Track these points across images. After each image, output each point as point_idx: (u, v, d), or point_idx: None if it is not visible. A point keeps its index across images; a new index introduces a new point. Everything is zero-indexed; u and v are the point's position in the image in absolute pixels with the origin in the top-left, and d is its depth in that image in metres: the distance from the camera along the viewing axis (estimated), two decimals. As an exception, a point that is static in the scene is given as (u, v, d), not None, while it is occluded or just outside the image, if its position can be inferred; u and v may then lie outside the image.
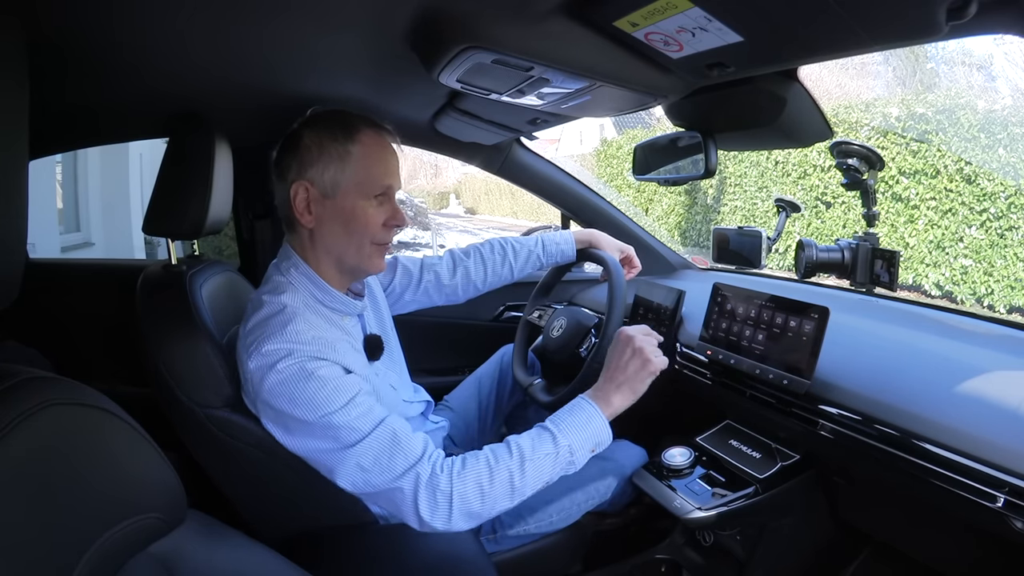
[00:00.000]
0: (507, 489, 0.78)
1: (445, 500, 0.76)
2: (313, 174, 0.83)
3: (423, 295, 1.20)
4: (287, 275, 0.86)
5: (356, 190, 0.84)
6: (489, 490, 0.77)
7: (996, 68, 9.53)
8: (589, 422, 0.82)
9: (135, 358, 0.90)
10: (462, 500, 0.76)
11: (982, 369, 0.78)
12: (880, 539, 1.00)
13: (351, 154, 0.84)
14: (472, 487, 0.77)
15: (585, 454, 0.82)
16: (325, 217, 0.85)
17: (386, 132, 0.88)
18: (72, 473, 0.43)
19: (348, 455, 0.76)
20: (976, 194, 4.69)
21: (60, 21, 0.69)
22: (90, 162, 4.87)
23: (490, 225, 13.58)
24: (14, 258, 0.43)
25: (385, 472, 0.76)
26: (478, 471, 0.78)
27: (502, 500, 0.78)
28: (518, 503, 0.80)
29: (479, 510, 0.78)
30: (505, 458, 0.79)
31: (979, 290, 4.73)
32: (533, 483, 0.79)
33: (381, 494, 0.78)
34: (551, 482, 0.81)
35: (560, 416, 0.83)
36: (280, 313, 0.80)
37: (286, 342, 0.77)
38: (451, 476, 0.77)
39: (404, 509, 0.77)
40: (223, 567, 0.56)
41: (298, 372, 0.75)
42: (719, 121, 0.95)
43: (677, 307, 1.19)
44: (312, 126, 0.85)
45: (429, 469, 0.77)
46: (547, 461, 0.80)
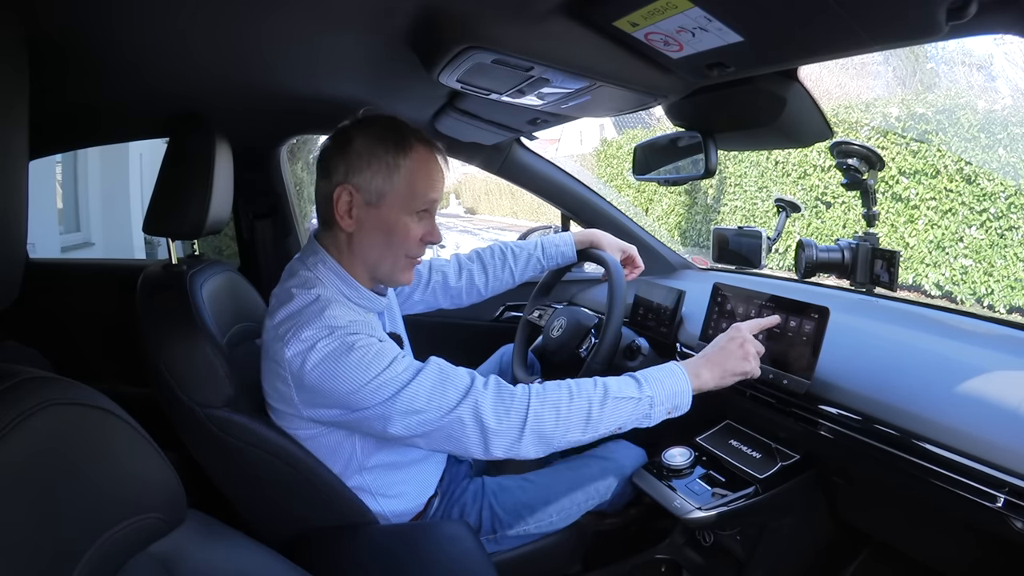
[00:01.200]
0: (583, 418, 0.79)
1: (519, 414, 0.77)
2: (360, 180, 0.83)
3: (431, 296, 1.21)
4: (314, 270, 0.87)
5: (400, 203, 0.85)
6: (566, 414, 0.78)
7: (996, 68, 9.52)
8: (676, 383, 0.84)
9: (135, 358, 0.90)
10: (536, 418, 0.78)
11: (982, 369, 0.78)
12: (880, 539, 1.00)
13: (401, 168, 0.84)
14: (549, 407, 0.78)
15: (662, 412, 0.83)
16: (366, 224, 0.85)
17: (436, 149, 0.89)
18: (72, 473, 0.43)
19: (399, 402, 0.77)
20: (976, 194, 4.69)
21: (60, 20, 0.69)
22: (90, 162, 4.87)
23: (490, 225, 13.58)
24: (14, 258, 0.43)
25: (440, 407, 0.77)
26: (558, 394, 0.80)
27: (575, 430, 0.79)
28: (587, 439, 0.81)
29: (551, 434, 0.78)
30: (588, 389, 0.81)
31: (979, 290, 4.72)
32: (609, 422, 0.81)
33: (439, 431, 0.78)
34: (623, 429, 0.83)
35: (649, 371, 0.85)
36: (314, 302, 0.81)
37: (324, 326, 0.78)
38: (528, 391, 0.79)
39: (466, 439, 0.78)
40: (223, 567, 0.55)
41: (339, 347, 0.77)
42: (719, 121, 0.95)
43: (677, 307, 1.19)
44: (364, 131, 0.85)
45: (491, 389, 0.79)
46: (627, 404, 0.81)
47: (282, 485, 0.86)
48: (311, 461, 0.86)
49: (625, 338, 1.16)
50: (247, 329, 1.04)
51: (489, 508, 1.00)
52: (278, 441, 0.84)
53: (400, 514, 0.95)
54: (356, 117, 0.88)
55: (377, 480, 0.91)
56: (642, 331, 1.24)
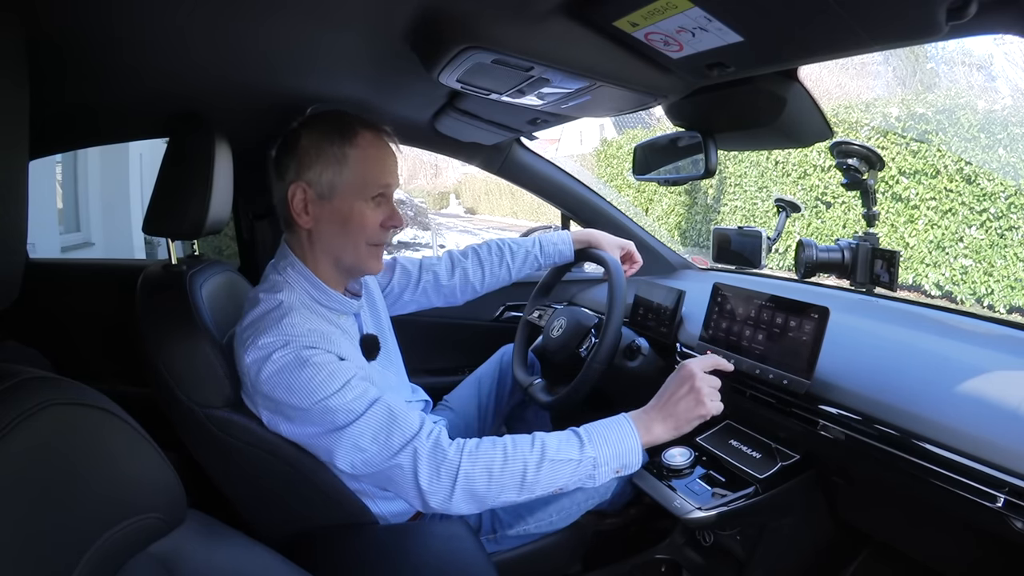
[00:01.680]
0: (517, 481, 0.77)
1: (449, 475, 0.76)
2: (311, 176, 0.84)
3: (422, 295, 1.20)
4: (283, 274, 0.87)
5: (353, 192, 0.85)
6: (499, 476, 0.76)
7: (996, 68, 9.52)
8: (622, 441, 0.80)
9: (135, 358, 0.90)
10: (467, 479, 0.76)
11: (982, 369, 0.78)
12: (880, 539, 1.00)
13: (348, 157, 0.84)
14: (481, 468, 0.76)
15: (609, 472, 0.79)
16: (322, 218, 0.85)
17: (383, 133, 0.88)
18: (72, 473, 0.43)
19: (345, 436, 0.76)
20: (976, 194, 4.69)
21: (60, 20, 0.69)
22: (90, 162, 4.87)
23: (490, 225, 13.58)
24: (14, 258, 0.43)
25: (383, 450, 0.76)
26: (492, 454, 0.77)
27: (509, 491, 0.77)
28: (523, 500, 0.79)
29: (483, 494, 0.77)
30: (524, 449, 0.77)
31: (979, 290, 4.73)
32: (546, 484, 0.78)
33: (380, 473, 0.78)
34: (565, 489, 0.79)
35: (594, 426, 0.81)
36: (276, 309, 0.81)
37: (281, 334, 0.78)
38: (461, 452, 0.77)
39: (404, 486, 0.77)
40: (223, 567, 0.55)
41: (293, 360, 0.76)
42: (719, 121, 0.95)
43: (677, 307, 1.19)
44: (310, 127, 0.86)
45: (429, 444, 0.77)
46: (567, 467, 0.77)
47: (282, 485, 0.86)
48: (310, 462, 0.86)
49: (625, 338, 1.16)
50: None
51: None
52: (278, 441, 0.84)
53: (399, 514, 0.95)
54: (302, 117, 0.88)
55: (376, 481, 0.91)
56: (642, 331, 1.24)
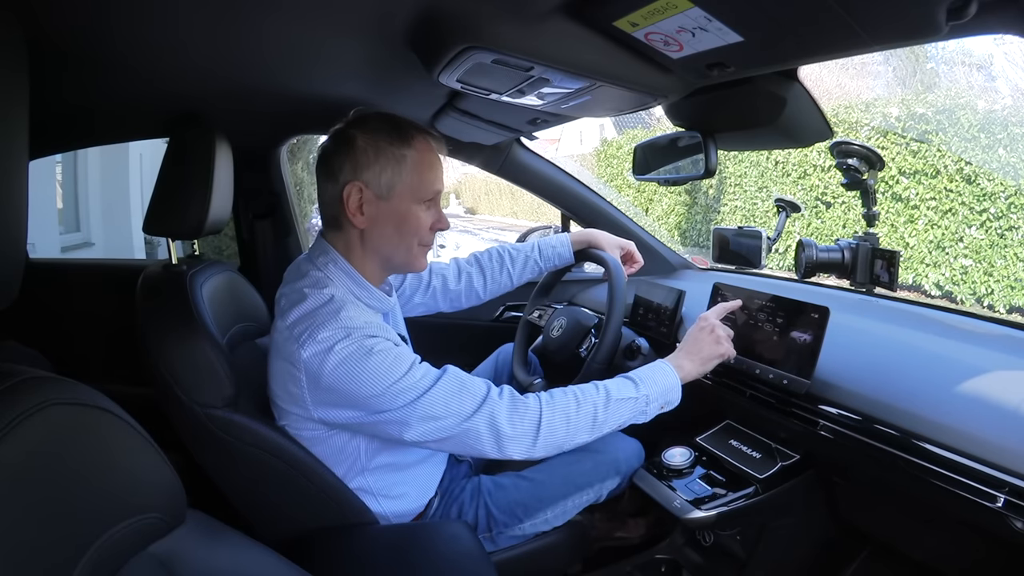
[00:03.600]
0: (590, 422, 0.85)
1: (533, 422, 0.82)
2: (369, 176, 0.85)
3: (430, 299, 1.22)
4: (324, 270, 0.87)
5: (410, 194, 0.87)
6: (575, 419, 0.84)
7: (996, 68, 9.52)
8: (666, 379, 0.91)
9: (135, 358, 0.90)
10: (549, 425, 0.83)
11: (982, 369, 0.78)
12: (880, 539, 1.00)
13: (407, 158, 0.86)
14: (560, 414, 0.84)
15: (656, 408, 0.90)
16: (378, 218, 0.86)
17: (435, 139, 0.90)
18: (72, 473, 0.43)
19: (416, 409, 0.79)
20: (976, 194, 4.69)
21: (60, 20, 0.69)
22: (90, 162, 4.87)
23: (490, 225, 13.58)
24: (14, 258, 0.43)
25: (457, 415, 0.80)
26: (566, 401, 0.85)
27: (583, 433, 0.85)
28: (593, 438, 0.87)
29: (562, 438, 0.84)
30: (592, 394, 0.87)
31: (979, 290, 4.72)
32: (612, 422, 0.87)
33: (454, 438, 0.81)
34: (623, 426, 0.89)
35: (642, 370, 0.92)
36: (329, 302, 0.82)
37: (341, 327, 0.79)
38: (539, 400, 0.84)
39: (480, 444, 0.81)
40: (223, 567, 0.55)
41: (357, 350, 0.78)
42: (719, 121, 0.95)
43: (677, 307, 1.19)
44: (365, 127, 0.86)
45: (506, 398, 0.83)
46: (627, 405, 0.87)
47: (282, 485, 0.86)
48: (311, 461, 0.86)
49: (625, 338, 1.16)
50: (247, 329, 1.04)
51: (485, 507, 1.00)
52: (278, 441, 0.84)
53: (401, 514, 0.95)
54: (349, 117, 0.88)
55: (379, 481, 0.91)
56: (642, 331, 1.24)
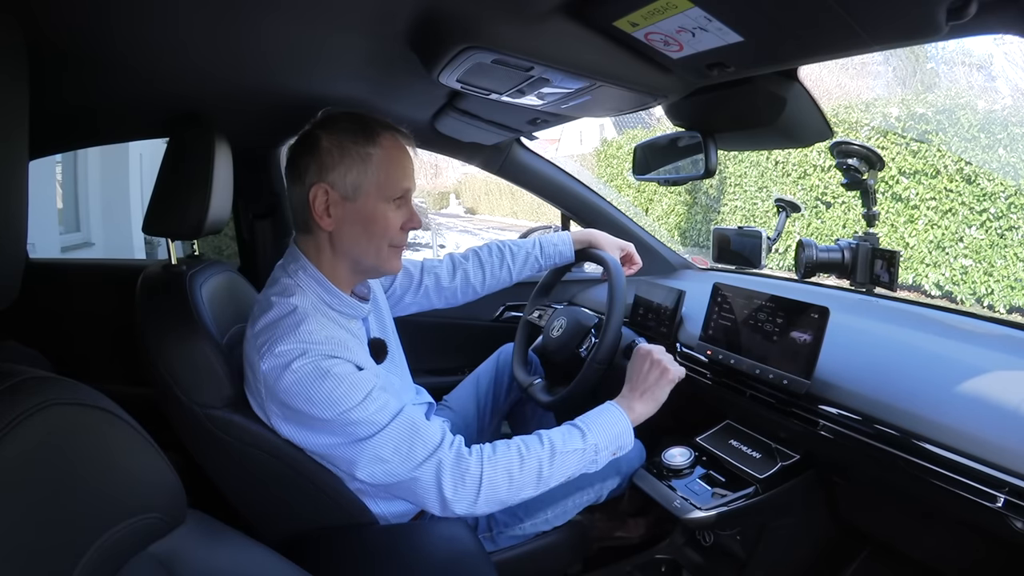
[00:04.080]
0: (534, 478, 0.82)
1: (474, 483, 0.79)
2: (334, 177, 0.83)
3: (423, 297, 1.20)
4: (294, 277, 0.86)
5: (377, 193, 0.85)
6: (518, 477, 0.81)
7: (996, 68, 9.52)
8: (615, 424, 0.88)
9: (135, 358, 0.90)
10: (491, 485, 0.80)
11: (982, 369, 0.78)
12: (880, 539, 1.00)
13: (372, 157, 0.84)
14: (502, 472, 0.80)
15: (607, 455, 0.87)
16: (345, 220, 0.85)
17: (403, 135, 0.88)
18: (72, 473, 0.43)
19: (367, 448, 0.77)
20: (976, 194, 4.69)
21: (60, 21, 0.69)
22: (90, 162, 4.87)
23: (490, 225, 13.58)
24: (14, 258, 0.43)
25: (406, 461, 0.78)
26: (509, 458, 0.81)
27: (527, 488, 0.82)
28: (538, 493, 0.84)
29: (505, 496, 0.81)
30: (536, 448, 0.83)
31: (979, 290, 4.72)
32: (559, 475, 0.83)
33: (401, 484, 0.79)
34: (572, 478, 0.86)
35: (588, 417, 0.89)
36: (291, 314, 0.80)
37: (299, 342, 0.77)
38: (481, 460, 0.80)
39: (426, 496, 0.79)
40: (223, 567, 0.55)
41: (313, 371, 0.76)
42: (719, 121, 0.95)
43: (677, 307, 1.19)
44: (329, 128, 0.84)
45: (452, 454, 0.80)
46: (575, 456, 0.84)
47: (282, 485, 0.86)
48: (310, 462, 0.86)
49: (625, 338, 1.16)
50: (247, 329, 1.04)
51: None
52: (278, 441, 0.84)
53: (400, 515, 0.95)
54: (316, 118, 0.87)
55: (377, 481, 0.91)
56: (642, 331, 1.24)
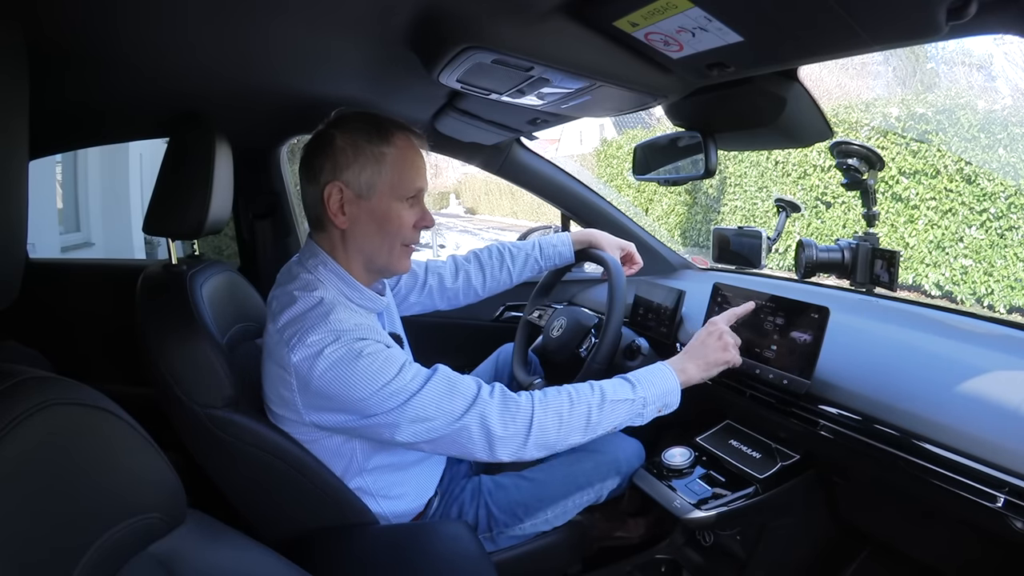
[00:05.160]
0: (583, 423, 0.83)
1: (525, 420, 0.81)
2: (348, 176, 0.84)
3: (427, 297, 1.21)
4: (315, 272, 0.87)
5: (391, 192, 0.86)
6: (568, 420, 0.82)
7: (996, 68, 9.52)
8: (665, 381, 0.89)
9: (135, 358, 0.90)
10: (540, 426, 0.81)
11: (982, 369, 0.78)
12: (880, 539, 1.00)
13: (386, 156, 0.85)
14: (552, 414, 0.82)
15: (653, 410, 0.88)
16: (359, 218, 0.86)
17: (416, 136, 0.89)
18: (72, 473, 0.43)
19: (407, 411, 0.78)
20: (976, 194, 4.69)
21: (63, 22, 0.69)
22: (90, 162, 4.86)
23: (490, 225, 13.58)
24: (14, 258, 0.43)
25: (448, 415, 0.79)
26: (559, 400, 0.83)
27: (575, 434, 0.83)
28: (587, 439, 0.85)
29: (554, 438, 0.82)
30: (587, 394, 0.84)
31: (979, 290, 4.72)
32: (607, 423, 0.85)
33: (445, 437, 0.80)
34: (618, 428, 0.87)
35: (639, 372, 0.90)
36: (318, 305, 0.81)
37: (330, 331, 0.78)
38: (532, 400, 0.82)
39: (472, 443, 0.80)
40: (223, 567, 0.55)
41: (347, 353, 0.77)
42: (719, 121, 0.95)
43: (677, 307, 1.19)
44: (344, 127, 0.86)
45: (497, 397, 0.81)
46: (623, 407, 0.85)
47: (282, 485, 0.86)
48: (311, 462, 0.86)
49: (625, 338, 1.16)
50: (247, 329, 1.04)
51: (485, 507, 1.00)
52: (278, 441, 0.84)
53: (401, 515, 0.95)
54: (331, 118, 0.88)
55: (378, 481, 0.91)
56: (642, 331, 1.24)
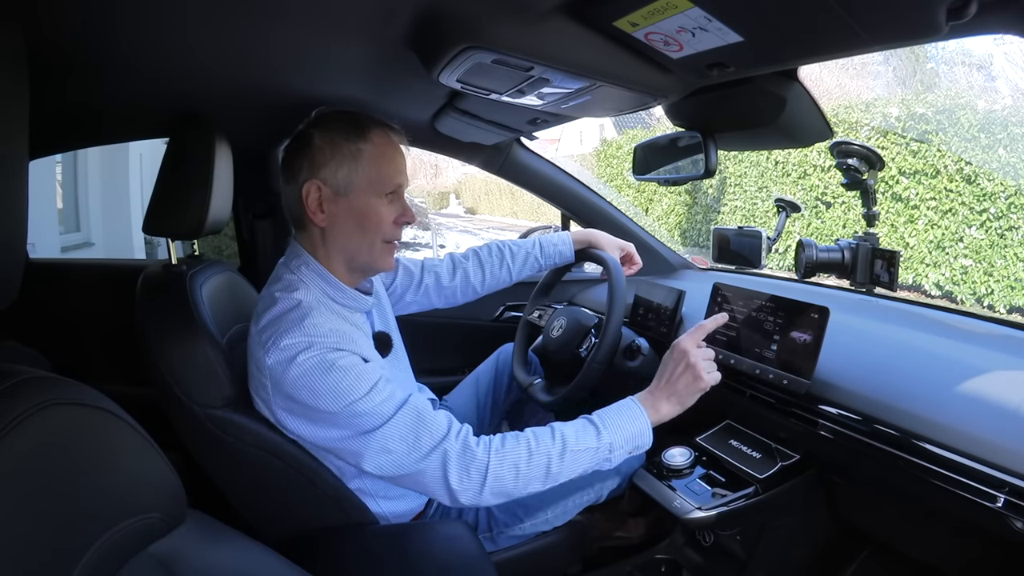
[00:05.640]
0: (542, 473, 0.80)
1: (479, 474, 0.78)
2: (326, 173, 0.84)
3: (423, 296, 1.20)
4: (297, 272, 0.87)
5: (369, 188, 0.85)
6: (525, 471, 0.79)
7: (996, 68, 9.52)
8: (634, 423, 0.84)
9: (135, 358, 0.90)
10: (496, 477, 0.78)
11: (982, 369, 0.78)
12: (880, 539, 1.00)
13: (363, 153, 0.85)
14: (508, 466, 0.79)
15: (623, 454, 0.83)
16: (338, 215, 0.86)
17: (394, 131, 0.89)
18: (72, 473, 0.43)
19: (373, 439, 0.77)
20: (976, 194, 4.69)
21: (63, 22, 0.69)
22: (90, 162, 4.86)
23: (490, 225, 13.57)
24: (14, 258, 0.43)
25: (412, 452, 0.77)
26: (517, 451, 0.79)
27: (535, 483, 0.80)
28: (546, 488, 0.82)
29: (511, 489, 0.79)
30: (547, 442, 0.81)
31: (979, 290, 4.72)
32: (569, 472, 0.81)
33: (409, 476, 0.79)
34: (584, 474, 0.83)
35: (607, 412, 0.85)
36: (295, 308, 0.81)
37: (304, 335, 0.78)
38: (488, 451, 0.79)
39: (433, 486, 0.78)
40: (223, 567, 0.55)
41: (319, 363, 0.76)
42: (719, 121, 0.95)
43: (677, 307, 1.19)
44: (322, 126, 0.86)
45: (459, 445, 0.78)
46: (587, 454, 0.81)
47: (282, 485, 0.86)
48: (311, 462, 0.86)
49: (625, 338, 1.16)
50: (247, 329, 1.03)
51: (485, 507, 1.00)
52: (278, 441, 0.84)
53: (400, 514, 0.95)
54: (310, 117, 0.88)
55: (377, 481, 0.91)
56: (642, 331, 1.24)
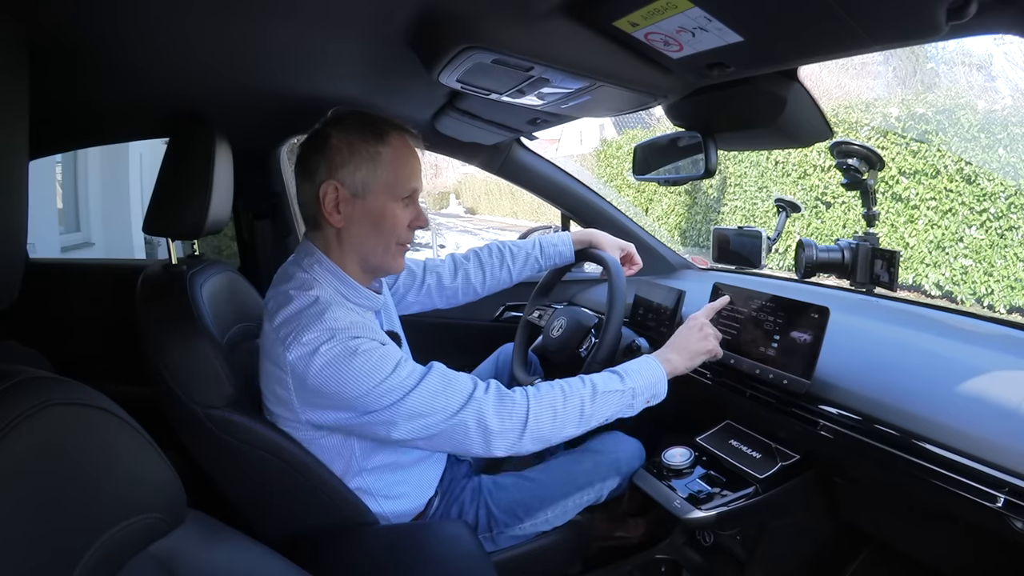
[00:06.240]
0: (577, 415, 0.85)
1: (520, 416, 0.82)
2: (344, 175, 0.84)
3: (425, 296, 1.21)
4: (311, 271, 0.87)
5: (386, 191, 0.86)
6: (562, 412, 0.84)
7: (996, 68, 9.53)
8: (652, 373, 0.92)
9: (135, 358, 0.90)
10: (536, 419, 0.83)
11: (982, 369, 0.78)
12: (880, 539, 1.00)
13: (382, 155, 0.85)
14: (547, 407, 0.83)
15: (642, 401, 0.90)
16: (354, 217, 0.86)
17: (411, 135, 0.90)
18: (72, 473, 0.43)
19: (403, 406, 0.79)
20: (976, 194, 4.69)
21: (62, 21, 0.69)
22: (90, 162, 4.86)
23: (490, 225, 13.58)
24: (14, 258, 0.43)
25: (443, 412, 0.80)
26: (552, 394, 0.85)
27: (570, 426, 0.85)
28: (580, 432, 0.87)
29: (548, 433, 0.84)
30: (579, 387, 0.87)
31: (979, 290, 4.73)
32: (600, 415, 0.87)
33: (442, 434, 0.81)
34: (610, 420, 0.89)
35: (628, 364, 0.92)
36: (313, 304, 0.82)
37: (325, 329, 0.79)
38: (526, 395, 0.84)
39: (469, 440, 0.81)
40: (223, 567, 0.55)
41: (342, 351, 0.78)
42: (719, 121, 0.95)
43: (677, 307, 1.19)
44: (340, 127, 0.86)
45: (493, 394, 0.83)
46: (614, 397, 0.88)
47: (282, 485, 0.86)
48: (311, 462, 0.86)
49: (625, 338, 1.16)
50: (247, 329, 1.04)
51: (485, 507, 1.00)
52: (278, 441, 0.84)
53: (401, 514, 0.95)
54: (327, 117, 0.89)
55: (377, 481, 0.91)
56: (642, 331, 1.24)
